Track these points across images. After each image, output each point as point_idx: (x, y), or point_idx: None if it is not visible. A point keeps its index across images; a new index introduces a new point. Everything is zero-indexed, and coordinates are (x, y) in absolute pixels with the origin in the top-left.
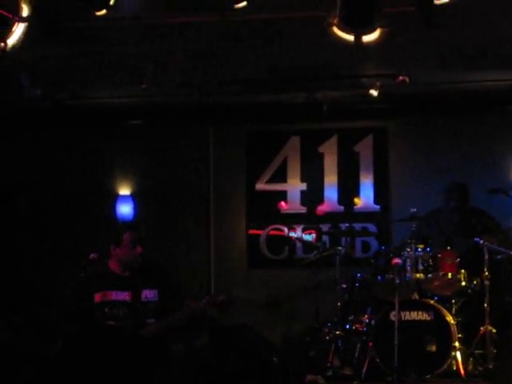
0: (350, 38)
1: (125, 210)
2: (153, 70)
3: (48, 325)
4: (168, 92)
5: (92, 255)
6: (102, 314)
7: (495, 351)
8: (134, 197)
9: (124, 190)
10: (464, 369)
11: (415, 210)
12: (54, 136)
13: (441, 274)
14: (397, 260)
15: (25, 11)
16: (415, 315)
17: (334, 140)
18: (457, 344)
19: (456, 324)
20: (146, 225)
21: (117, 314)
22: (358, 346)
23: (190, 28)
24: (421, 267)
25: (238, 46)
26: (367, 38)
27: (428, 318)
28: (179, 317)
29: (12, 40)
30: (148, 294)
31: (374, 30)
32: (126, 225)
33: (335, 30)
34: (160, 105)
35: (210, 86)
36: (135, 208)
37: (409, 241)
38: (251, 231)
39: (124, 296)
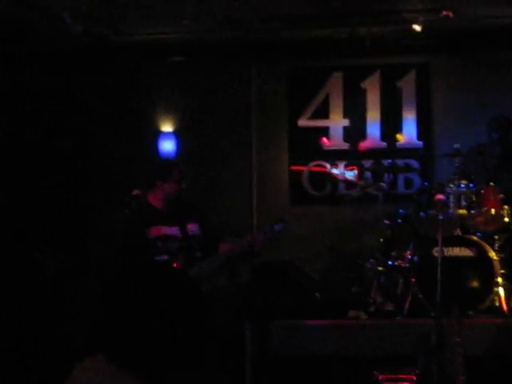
0: None
1: (167, 146)
2: (195, 5)
3: (97, 260)
4: (210, 28)
5: (135, 191)
6: (156, 249)
7: None
8: (176, 133)
9: (166, 127)
10: (507, 304)
11: (458, 145)
12: (96, 73)
13: (484, 209)
14: (440, 196)
15: None
16: (458, 251)
17: (376, 76)
18: (499, 280)
19: (499, 260)
20: (188, 162)
21: (170, 248)
22: (401, 281)
23: None
24: (464, 203)
25: None
26: None
27: (471, 254)
28: (228, 254)
29: None
30: (193, 228)
31: None
32: (175, 161)
33: None
34: (202, 41)
35: (252, 22)
36: (177, 145)
37: (452, 177)
38: (294, 167)
39: (173, 231)
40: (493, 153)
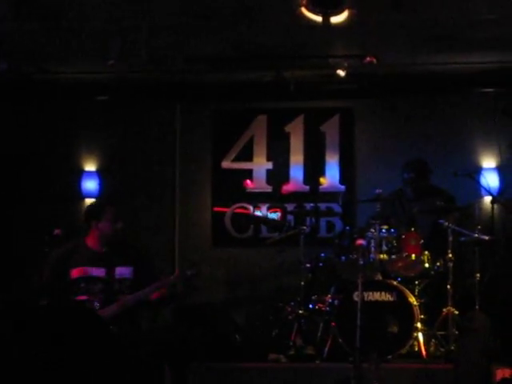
0: (319, 18)
1: (90, 185)
2: (120, 46)
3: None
4: (135, 68)
5: (56, 231)
6: (77, 289)
7: (457, 333)
8: (99, 173)
9: (90, 166)
10: (426, 350)
11: (380, 190)
12: (19, 110)
13: (404, 255)
14: (360, 241)
15: None
16: (378, 296)
17: (300, 119)
18: (419, 325)
19: (418, 305)
20: (110, 201)
21: (92, 289)
22: (321, 325)
23: (158, 4)
24: (385, 248)
25: (206, 24)
26: (335, 20)
27: (391, 299)
28: (149, 290)
29: None
30: (123, 271)
31: (343, 11)
32: (108, 199)
33: (304, 10)
34: (126, 81)
35: (178, 63)
36: (100, 184)
37: (373, 221)
38: (216, 208)
39: (99, 272)
40: (407, 196)
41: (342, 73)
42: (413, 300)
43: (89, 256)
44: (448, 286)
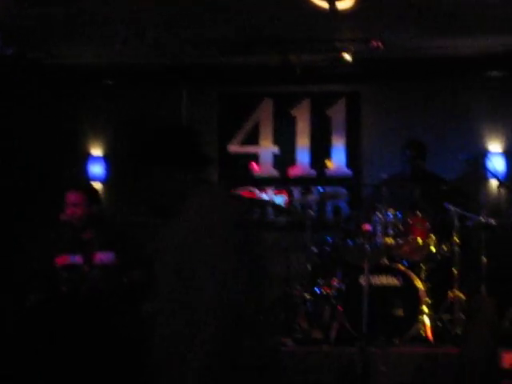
0: (325, 4)
1: (97, 170)
2: (126, 31)
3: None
4: (141, 53)
5: (62, 216)
6: (61, 279)
7: (463, 317)
8: (106, 157)
9: (96, 151)
10: (432, 334)
11: (386, 175)
12: (25, 95)
13: (411, 239)
14: (367, 225)
15: None
16: (384, 280)
17: (306, 103)
18: (425, 309)
19: (425, 289)
20: (118, 185)
21: (71, 279)
22: (328, 309)
23: None
24: (391, 232)
25: (212, 8)
26: (341, 5)
27: (397, 283)
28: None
29: None
30: (103, 257)
31: None
32: (69, 185)
33: None
34: (133, 66)
35: (184, 47)
36: (107, 169)
37: (379, 205)
38: None
39: (78, 259)
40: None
41: (348, 57)
42: (419, 284)
43: (71, 242)
44: (454, 270)
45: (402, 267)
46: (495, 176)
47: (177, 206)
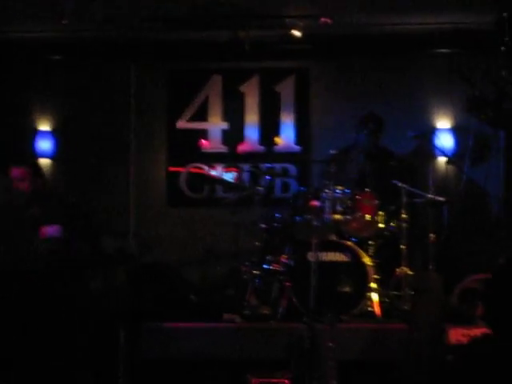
0: None
1: (44, 145)
2: (74, 4)
3: None
4: (89, 27)
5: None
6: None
7: (411, 293)
8: (54, 133)
9: (44, 126)
10: (380, 310)
11: (334, 151)
12: None
13: (359, 215)
14: (315, 202)
15: None
16: (333, 256)
17: (255, 80)
18: (373, 285)
19: (373, 265)
20: (66, 161)
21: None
22: (276, 285)
23: None
24: (339, 208)
25: None
26: None
27: (345, 259)
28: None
29: None
30: (49, 231)
31: None
32: (14, 161)
33: None
34: (81, 40)
35: (133, 22)
36: (55, 144)
37: (327, 182)
38: (172, 168)
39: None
40: (360, 153)
41: (297, 33)
42: (367, 260)
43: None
44: (402, 246)
45: (350, 243)
46: (443, 153)
47: None
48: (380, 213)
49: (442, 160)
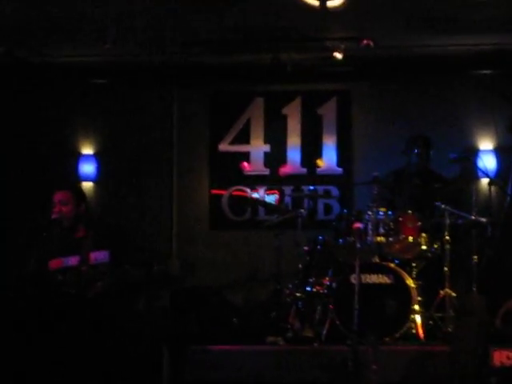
0: (315, 2)
1: (88, 169)
2: (116, 29)
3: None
4: (132, 52)
5: (54, 216)
6: (55, 282)
7: (454, 315)
8: (97, 156)
9: (87, 150)
10: (423, 332)
11: (377, 173)
12: (16, 94)
13: (401, 237)
14: (357, 224)
15: None
16: (375, 278)
17: (297, 102)
18: (416, 307)
19: (416, 287)
20: (109, 184)
21: (67, 281)
22: (319, 308)
23: None
24: (382, 231)
25: (203, 6)
26: (332, 3)
27: (388, 281)
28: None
29: None
30: (98, 256)
31: None
32: (59, 185)
33: None
34: (124, 64)
35: (174, 46)
36: (98, 167)
37: (370, 204)
38: (214, 191)
39: (73, 261)
40: (411, 176)
41: (339, 55)
42: (410, 282)
43: (63, 243)
44: (445, 268)
45: (393, 265)
46: (486, 174)
47: None
48: (423, 235)
49: (484, 181)
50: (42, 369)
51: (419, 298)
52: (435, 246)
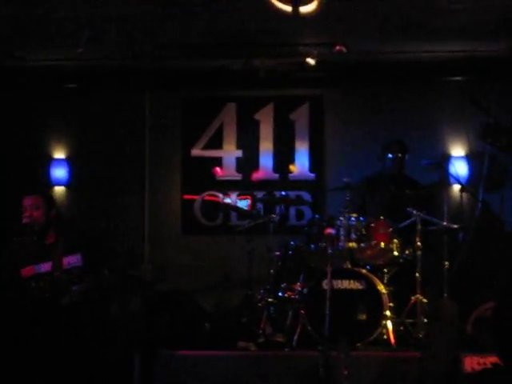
0: (288, 8)
1: (59, 173)
2: (89, 33)
3: None
4: (104, 56)
5: (25, 220)
6: (29, 289)
7: (425, 321)
8: (68, 160)
9: (59, 154)
10: (394, 338)
11: (348, 179)
12: None
13: (373, 243)
14: (329, 230)
15: None
16: (347, 284)
17: (270, 107)
18: (388, 313)
19: (387, 293)
20: (80, 188)
21: (41, 288)
22: (290, 313)
23: None
24: (354, 236)
25: (175, 11)
26: (305, 9)
27: (360, 287)
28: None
29: None
30: (71, 260)
31: (312, 0)
32: (29, 190)
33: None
34: (95, 68)
35: (147, 50)
36: (70, 172)
37: (342, 210)
38: (186, 196)
39: (44, 268)
40: (386, 184)
41: (311, 61)
42: (382, 288)
43: (35, 250)
44: (417, 274)
45: (364, 271)
46: (458, 180)
47: None
48: (394, 240)
49: (456, 187)
50: (16, 374)
51: (391, 304)
52: (407, 251)
